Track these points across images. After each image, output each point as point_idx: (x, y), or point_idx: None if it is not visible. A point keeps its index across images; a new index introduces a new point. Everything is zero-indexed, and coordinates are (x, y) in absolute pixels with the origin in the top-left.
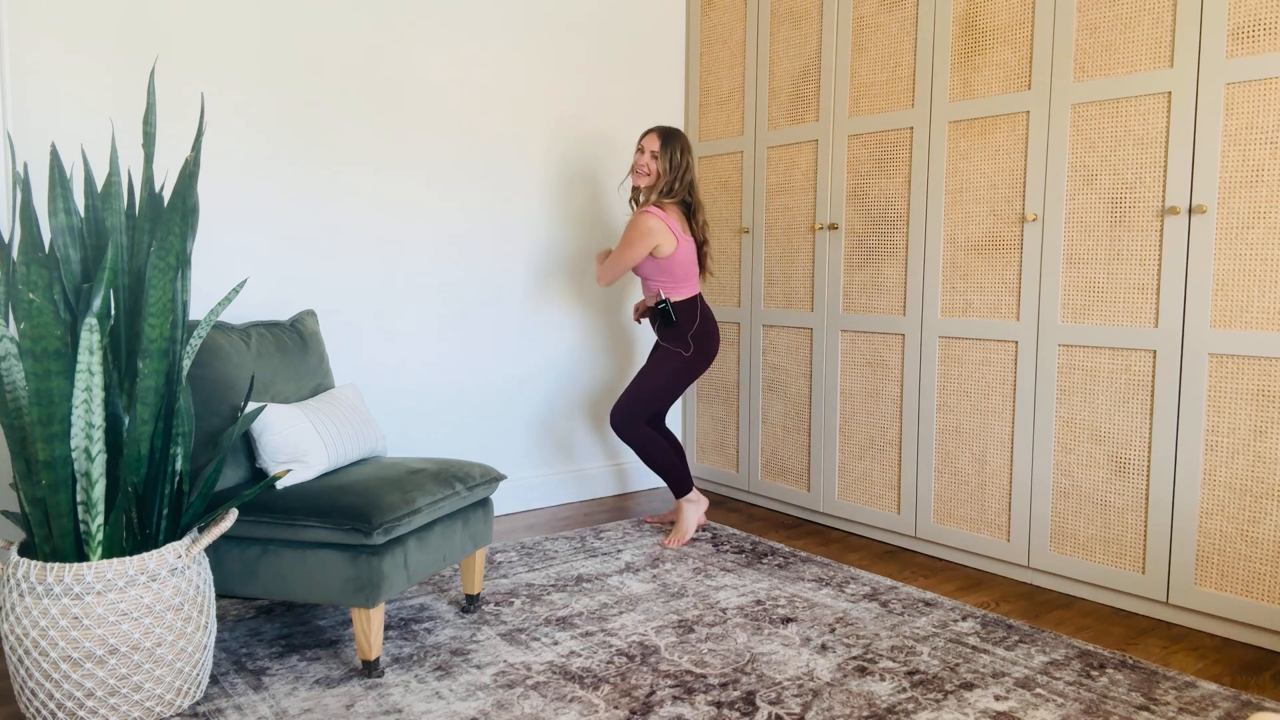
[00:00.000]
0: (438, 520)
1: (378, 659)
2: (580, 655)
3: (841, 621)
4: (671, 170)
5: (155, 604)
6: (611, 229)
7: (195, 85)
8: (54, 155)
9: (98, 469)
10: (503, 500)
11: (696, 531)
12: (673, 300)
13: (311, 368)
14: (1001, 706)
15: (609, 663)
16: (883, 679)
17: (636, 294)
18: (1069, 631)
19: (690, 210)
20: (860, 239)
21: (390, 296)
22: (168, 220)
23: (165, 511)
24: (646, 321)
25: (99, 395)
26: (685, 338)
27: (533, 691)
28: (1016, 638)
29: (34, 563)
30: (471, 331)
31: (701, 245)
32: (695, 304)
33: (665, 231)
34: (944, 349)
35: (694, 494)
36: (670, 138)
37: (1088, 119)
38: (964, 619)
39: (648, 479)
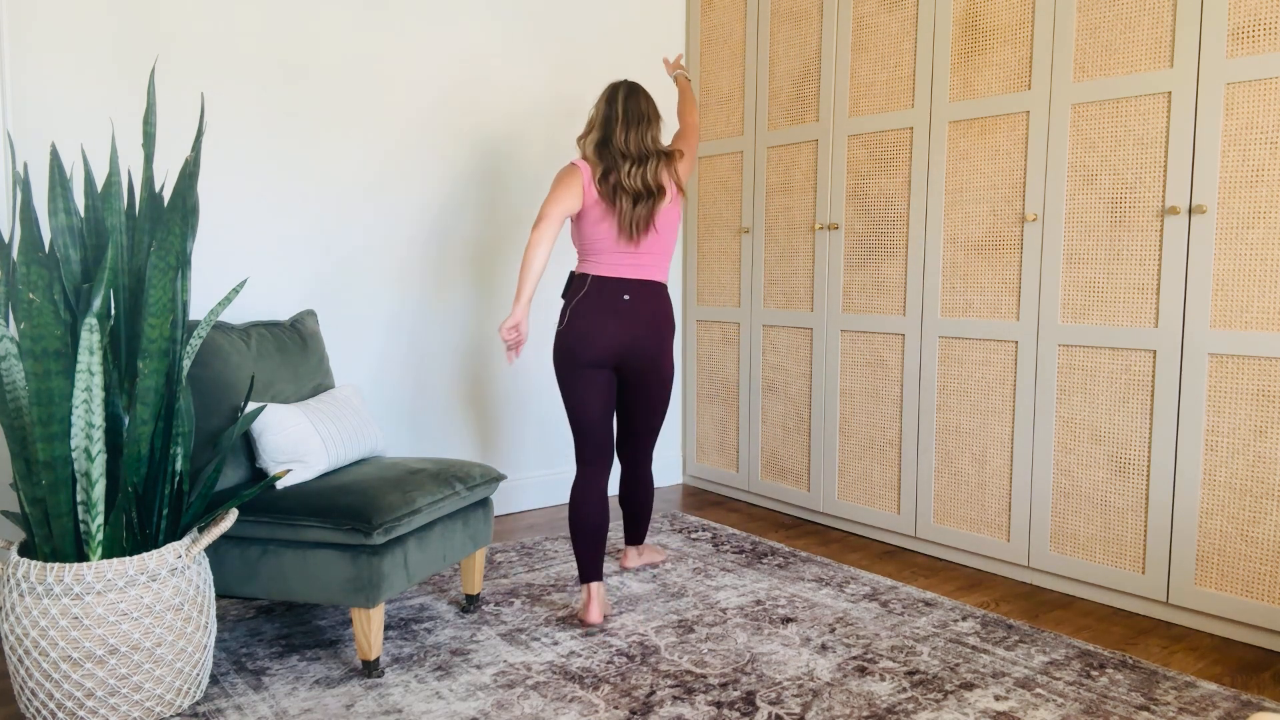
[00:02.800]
0: (438, 520)
1: (378, 659)
2: (580, 655)
3: (841, 621)
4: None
5: (155, 604)
6: None
7: (195, 85)
8: (54, 155)
9: (98, 469)
10: (503, 500)
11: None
12: (574, 271)
13: (311, 368)
14: (1001, 706)
15: (609, 663)
16: (883, 679)
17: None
18: (1069, 631)
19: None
20: (860, 239)
21: (390, 296)
22: (168, 220)
23: (165, 511)
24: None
25: (99, 395)
26: (563, 313)
27: (533, 691)
28: (1016, 638)
29: (34, 563)
30: (472, 331)
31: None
32: (578, 283)
33: (577, 181)
34: (944, 349)
35: (591, 589)
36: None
37: (1088, 119)
38: (964, 619)
39: None
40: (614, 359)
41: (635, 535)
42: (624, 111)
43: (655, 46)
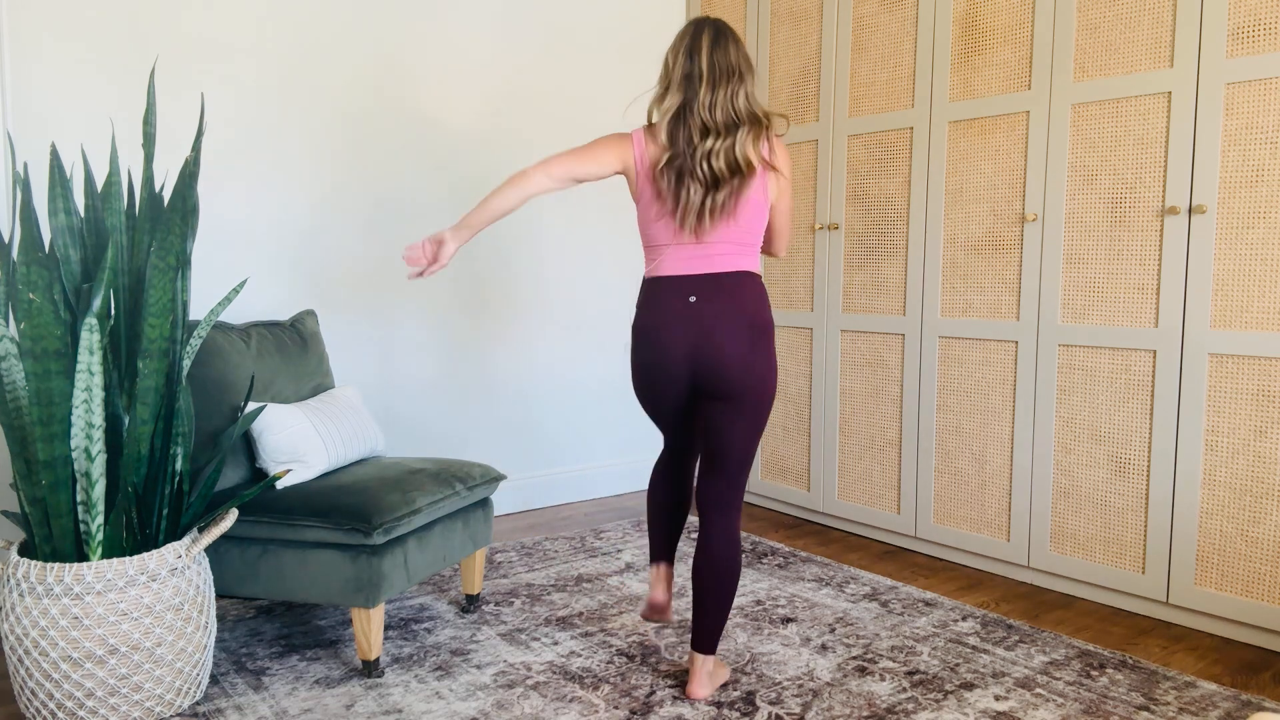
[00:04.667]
0: (438, 520)
1: (378, 659)
2: (580, 655)
3: (841, 621)
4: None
5: (155, 604)
6: (609, 228)
7: (195, 85)
8: (54, 155)
9: (98, 469)
10: (503, 500)
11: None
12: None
13: (311, 368)
14: (1001, 706)
15: (609, 663)
16: (883, 679)
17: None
18: (1069, 631)
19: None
20: (860, 239)
21: (390, 295)
22: (168, 220)
23: (165, 511)
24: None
25: (99, 395)
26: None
27: (533, 691)
28: (1016, 638)
29: (34, 563)
30: (471, 330)
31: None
32: (645, 286)
33: (623, 150)
34: (944, 349)
35: (654, 570)
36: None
37: (1088, 119)
38: (964, 619)
39: (647, 478)
40: (686, 379)
41: (702, 634)
42: (709, 67)
43: (657, 46)
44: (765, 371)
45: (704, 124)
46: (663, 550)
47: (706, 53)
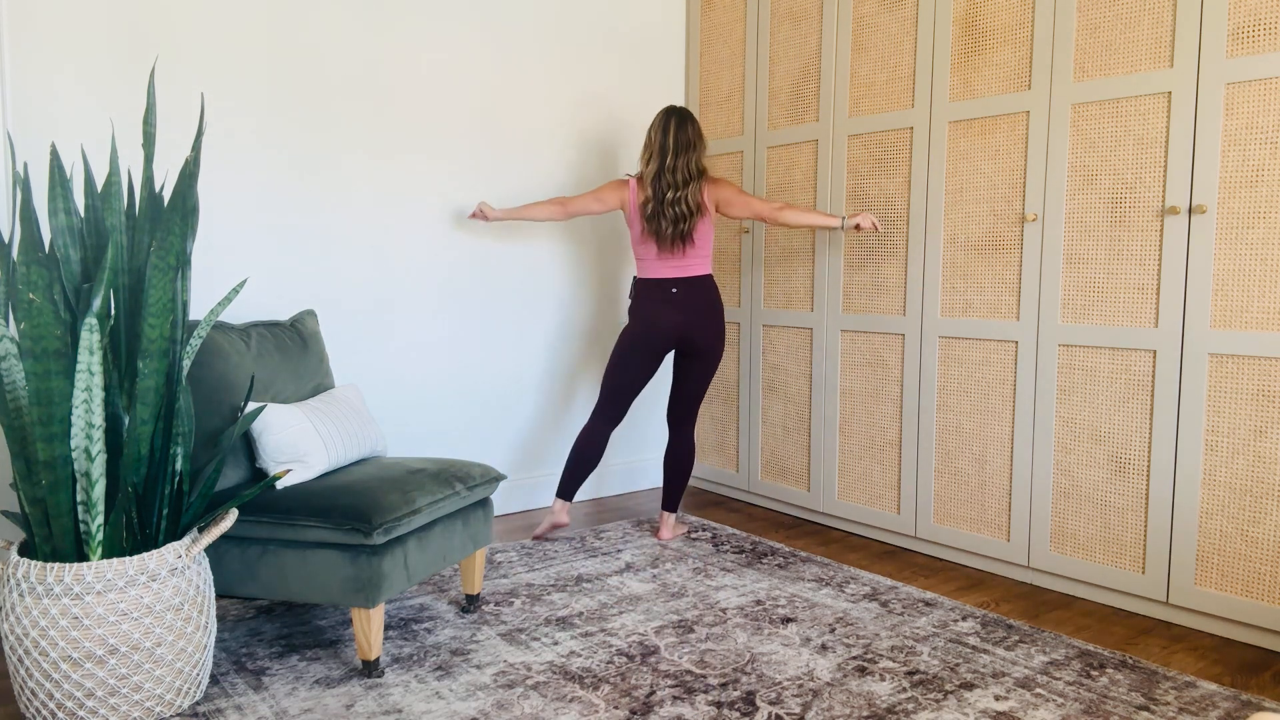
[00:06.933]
0: (438, 520)
1: (378, 659)
2: (580, 655)
3: (841, 621)
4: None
5: (155, 604)
6: (607, 226)
7: (195, 85)
8: (54, 155)
9: (98, 469)
10: (503, 500)
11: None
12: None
13: (311, 367)
14: (1001, 706)
15: (609, 663)
16: (883, 679)
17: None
18: (1069, 631)
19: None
20: (860, 239)
21: (390, 296)
22: (168, 220)
23: (165, 511)
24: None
25: (99, 395)
26: (630, 311)
27: (533, 691)
28: (1016, 638)
29: (34, 563)
30: (471, 330)
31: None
32: (637, 284)
33: (622, 193)
34: (944, 349)
35: (561, 503)
36: None
37: (1088, 119)
38: (964, 619)
39: (647, 479)
40: (673, 340)
41: (671, 499)
42: (674, 143)
43: (656, 46)
44: (720, 336)
45: (669, 182)
46: (573, 492)
47: (673, 133)
